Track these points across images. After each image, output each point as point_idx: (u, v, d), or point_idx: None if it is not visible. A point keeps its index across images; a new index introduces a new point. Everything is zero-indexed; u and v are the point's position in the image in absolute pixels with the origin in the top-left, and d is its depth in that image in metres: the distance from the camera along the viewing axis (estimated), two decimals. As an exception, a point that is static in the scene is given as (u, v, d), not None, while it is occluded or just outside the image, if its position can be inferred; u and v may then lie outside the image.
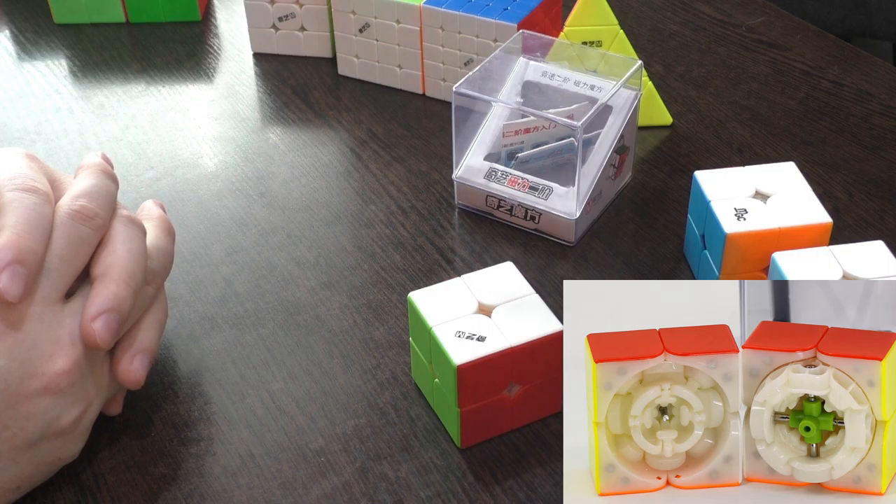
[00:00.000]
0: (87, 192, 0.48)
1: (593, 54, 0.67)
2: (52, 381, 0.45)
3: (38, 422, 0.45)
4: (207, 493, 0.49)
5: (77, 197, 0.48)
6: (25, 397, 0.44)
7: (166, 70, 0.82)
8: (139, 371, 0.48)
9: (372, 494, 0.48)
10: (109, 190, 0.50)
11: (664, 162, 0.70)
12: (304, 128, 0.75)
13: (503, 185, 0.64)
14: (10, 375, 0.44)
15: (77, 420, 0.46)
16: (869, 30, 1.42)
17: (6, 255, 0.44)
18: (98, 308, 0.46)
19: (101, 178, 0.50)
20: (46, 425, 0.45)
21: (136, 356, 0.49)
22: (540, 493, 0.48)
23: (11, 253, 0.44)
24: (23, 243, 0.44)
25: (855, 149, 0.71)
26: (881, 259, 0.52)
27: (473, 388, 0.48)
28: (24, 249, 0.44)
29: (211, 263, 0.62)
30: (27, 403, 0.44)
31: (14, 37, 0.86)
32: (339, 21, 0.77)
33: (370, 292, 0.60)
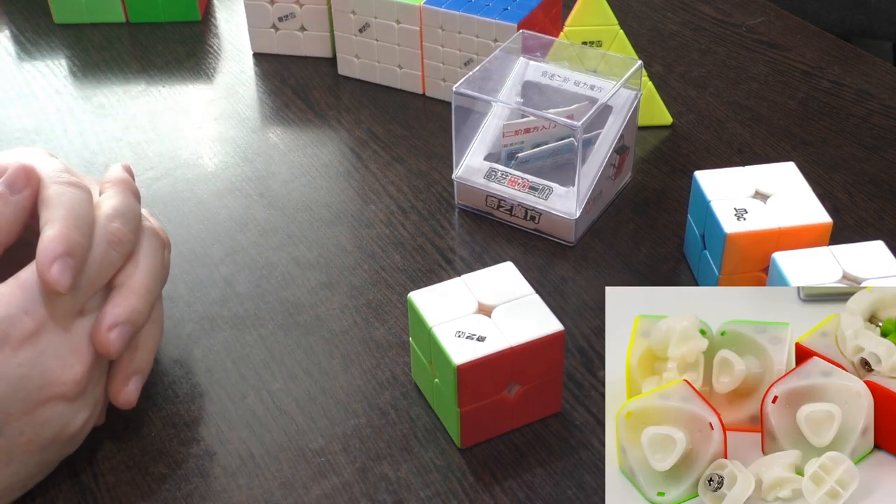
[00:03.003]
0: (122, 213, 0.48)
1: (593, 54, 0.67)
2: (70, 388, 0.45)
3: (52, 427, 0.45)
4: (207, 493, 0.49)
5: (112, 218, 0.48)
6: (42, 404, 0.45)
7: (166, 70, 0.82)
8: (133, 393, 0.49)
9: (372, 494, 0.48)
10: (137, 210, 0.50)
11: (664, 162, 0.70)
12: (304, 128, 0.75)
13: (503, 185, 0.64)
14: (29, 384, 0.44)
15: (85, 424, 0.47)
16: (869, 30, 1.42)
17: (57, 248, 0.44)
18: (115, 319, 0.46)
19: (130, 198, 0.50)
20: (59, 430, 0.46)
21: (132, 378, 0.49)
22: (540, 493, 0.48)
23: (62, 245, 0.44)
24: (72, 236, 0.45)
25: (855, 149, 0.71)
26: (881, 259, 0.52)
27: (473, 388, 0.48)
28: (73, 242, 0.45)
29: (211, 263, 0.62)
30: (44, 410, 0.45)
31: (14, 37, 0.86)
32: (339, 21, 0.77)
33: (370, 292, 0.60)
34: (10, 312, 0.44)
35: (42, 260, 0.44)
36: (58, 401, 0.45)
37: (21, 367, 0.44)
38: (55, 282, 0.44)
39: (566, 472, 0.49)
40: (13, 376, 0.43)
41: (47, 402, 0.45)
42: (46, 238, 0.45)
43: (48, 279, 0.44)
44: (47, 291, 0.45)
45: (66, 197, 0.47)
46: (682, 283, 0.60)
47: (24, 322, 0.44)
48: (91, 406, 0.47)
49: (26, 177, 0.47)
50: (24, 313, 0.44)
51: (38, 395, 0.44)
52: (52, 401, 0.45)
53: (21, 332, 0.44)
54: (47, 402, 0.45)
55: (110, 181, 0.50)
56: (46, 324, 0.45)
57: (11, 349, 0.44)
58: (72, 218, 0.46)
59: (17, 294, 0.44)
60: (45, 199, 0.47)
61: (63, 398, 0.45)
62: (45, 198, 0.47)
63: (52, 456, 0.47)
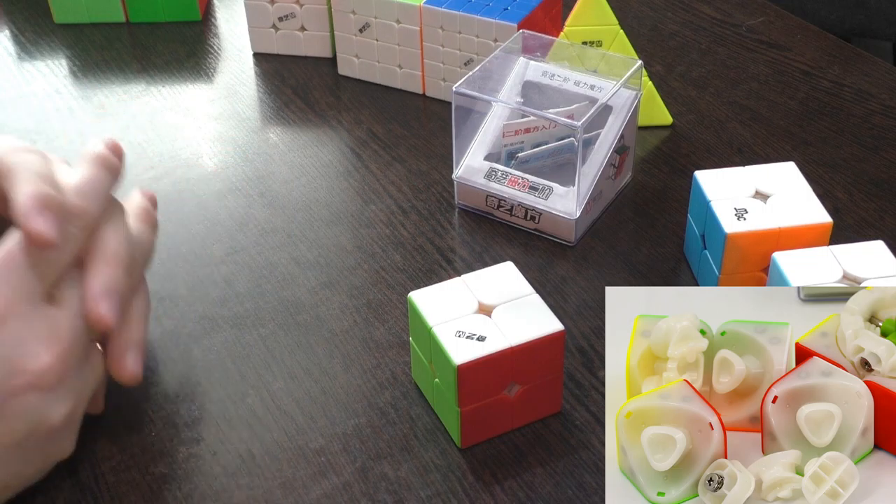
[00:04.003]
0: (78, 188, 0.48)
1: (593, 54, 0.67)
2: (38, 377, 0.44)
3: (26, 420, 0.44)
4: (207, 493, 0.49)
5: (68, 192, 0.47)
6: (11, 395, 0.43)
7: (166, 70, 0.82)
8: (133, 366, 0.48)
9: (372, 494, 0.48)
10: (103, 182, 0.49)
11: (664, 162, 0.70)
12: (304, 128, 0.75)
13: (503, 185, 0.64)
14: None
15: (67, 417, 0.46)
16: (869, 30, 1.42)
17: (34, 203, 0.44)
18: (99, 289, 0.46)
19: (97, 170, 0.49)
20: (35, 423, 0.44)
21: (129, 352, 0.48)
22: (540, 493, 0.48)
23: (38, 200, 0.44)
24: (44, 191, 0.45)
25: (855, 149, 0.71)
26: (881, 259, 0.52)
27: (473, 388, 0.48)
28: (48, 197, 0.45)
29: (211, 263, 0.62)
30: (13, 401, 0.44)
31: (14, 37, 0.86)
32: (339, 21, 0.77)
33: (370, 292, 0.60)
34: None
35: (25, 219, 0.44)
36: (28, 391, 0.44)
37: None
38: (43, 232, 0.44)
39: (566, 472, 0.49)
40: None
41: (17, 394, 0.43)
42: (21, 197, 0.45)
43: (37, 231, 0.44)
44: (37, 249, 0.44)
45: (24, 162, 0.47)
46: (682, 283, 0.60)
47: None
48: (72, 398, 0.46)
49: None
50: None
51: (4, 385, 0.43)
52: (22, 391, 0.44)
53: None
54: (17, 392, 0.43)
55: (82, 156, 0.50)
56: (9, 312, 0.44)
57: None
58: (37, 177, 0.46)
59: None
60: (5, 173, 0.47)
61: (34, 388, 0.44)
62: (5, 170, 0.47)
63: (33, 452, 0.45)
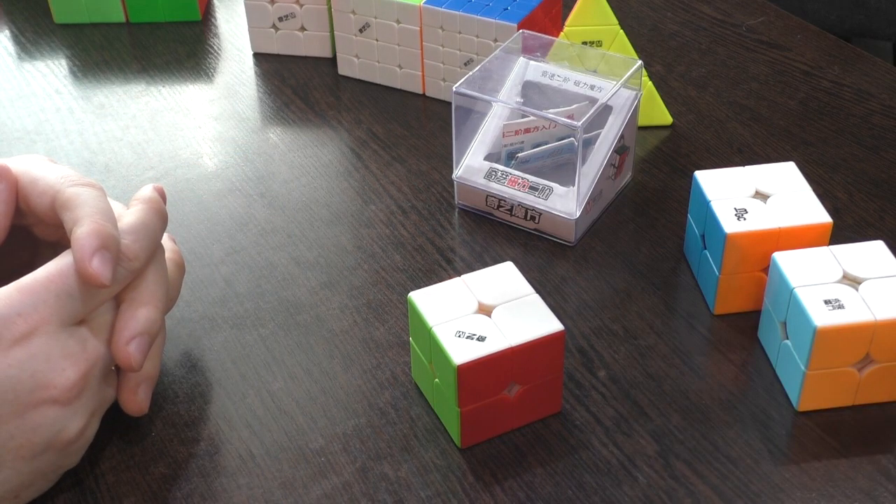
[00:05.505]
0: (135, 230, 0.49)
1: (593, 54, 0.67)
2: (62, 393, 0.45)
3: (45, 433, 0.45)
4: (207, 493, 0.49)
5: (124, 234, 0.48)
6: (34, 408, 0.44)
7: (166, 70, 0.82)
8: (143, 401, 0.50)
9: (372, 494, 0.48)
10: (155, 229, 0.50)
11: (664, 162, 0.70)
12: (304, 128, 0.75)
13: (503, 185, 0.64)
14: (20, 385, 0.44)
15: (81, 431, 0.47)
16: (869, 30, 1.42)
17: (94, 242, 0.45)
18: (132, 332, 0.47)
19: (150, 216, 0.50)
20: (52, 436, 0.45)
21: (141, 386, 0.50)
22: (540, 493, 0.48)
23: (98, 240, 0.46)
24: (104, 230, 0.46)
25: (855, 149, 0.71)
26: (881, 259, 0.52)
27: (473, 388, 0.48)
28: (107, 235, 0.46)
29: (211, 263, 0.62)
30: (35, 414, 0.44)
31: (14, 37, 0.86)
32: (339, 21, 0.77)
33: (370, 292, 0.60)
34: (2, 313, 0.44)
35: (81, 256, 0.45)
36: (50, 405, 0.45)
37: (11, 369, 0.44)
38: (98, 274, 0.45)
39: (566, 472, 0.49)
40: (2, 377, 0.43)
41: (39, 406, 0.44)
42: (81, 234, 0.46)
43: (90, 273, 0.45)
44: (88, 286, 0.46)
45: (85, 196, 0.48)
46: (682, 283, 0.60)
47: (17, 323, 0.44)
48: (87, 414, 0.47)
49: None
50: (18, 315, 0.44)
51: (28, 397, 0.44)
52: (43, 405, 0.45)
53: (13, 333, 0.44)
54: (38, 405, 0.44)
55: (137, 199, 0.51)
56: (40, 328, 0.45)
57: (2, 350, 0.44)
58: (98, 213, 0.47)
59: (13, 297, 0.45)
60: (64, 203, 0.48)
61: (55, 402, 0.45)
62: (65, 201, 0.48)
63: (45, 465, 0.46)
